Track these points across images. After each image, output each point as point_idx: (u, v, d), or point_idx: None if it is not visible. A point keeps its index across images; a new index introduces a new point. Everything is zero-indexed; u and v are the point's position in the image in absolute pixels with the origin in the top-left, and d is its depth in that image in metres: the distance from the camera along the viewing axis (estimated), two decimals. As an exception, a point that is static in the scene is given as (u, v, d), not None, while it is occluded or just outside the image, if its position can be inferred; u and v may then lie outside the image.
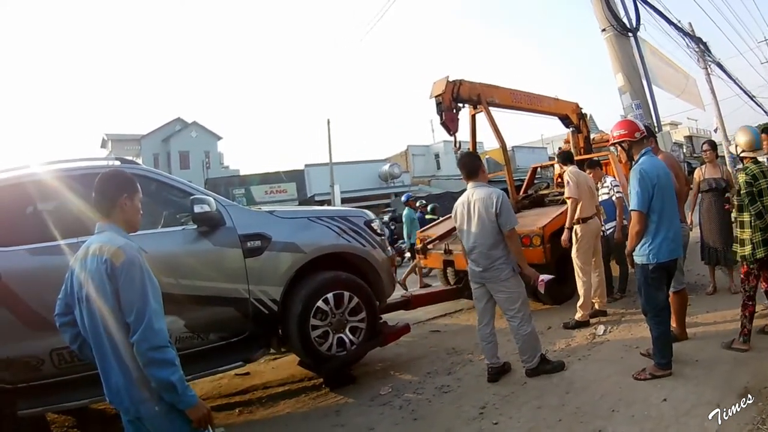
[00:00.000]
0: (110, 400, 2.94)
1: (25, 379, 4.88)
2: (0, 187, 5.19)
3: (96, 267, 2.83)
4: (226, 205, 5.68)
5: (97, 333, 2.87)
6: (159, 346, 2.72)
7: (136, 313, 2.73)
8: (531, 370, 5.75)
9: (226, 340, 5.54)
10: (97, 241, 2.97)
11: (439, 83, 9.75)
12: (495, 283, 5.71)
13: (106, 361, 2.87)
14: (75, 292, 3.01)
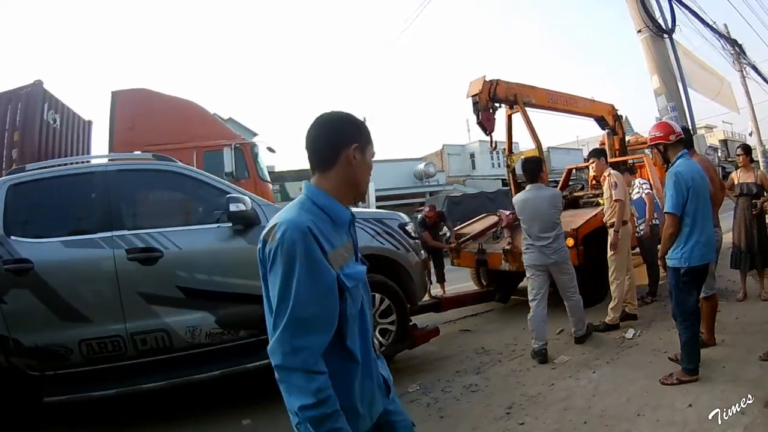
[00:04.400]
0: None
1: (53, 367, 5.01)
2: (35, 180, 5.36)
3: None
4: (261, 204, 5.73)
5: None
6: (293, 368, 1.96)
7: (275, 316, 2.06)
8: (582, 336, 6.99)
9: (256, 338, 5.59)
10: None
11: (476, 83, 9.76)
12: (561, 265, 6.80)
13: None
14: None
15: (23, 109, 11.22)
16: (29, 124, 11.15)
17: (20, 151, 10.93)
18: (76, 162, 5.90)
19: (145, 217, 5.61)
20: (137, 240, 5.18)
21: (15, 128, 11.20)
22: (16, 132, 11.16)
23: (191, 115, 12.60)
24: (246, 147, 12.19)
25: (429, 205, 10.99)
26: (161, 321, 5.18)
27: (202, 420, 5.48)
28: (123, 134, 11.33)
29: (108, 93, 11.46)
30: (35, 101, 11.39)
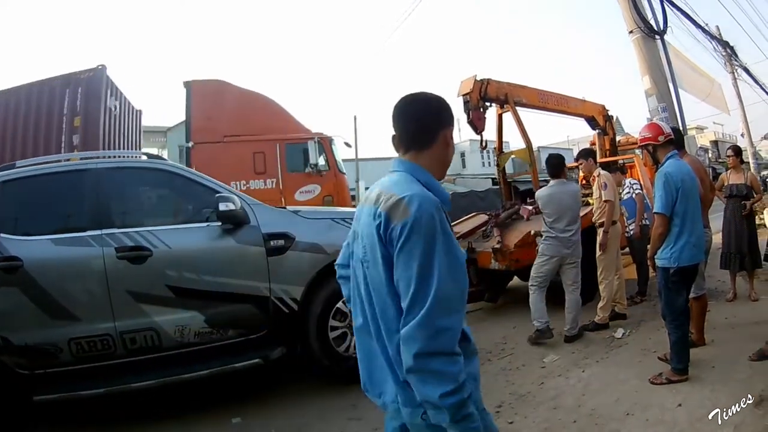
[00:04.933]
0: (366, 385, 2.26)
1: (43, 366, 4.98)
2: (25, 177, 5.34)
3: (368, 220, 2.08)
4: (251, 203, 5.75)
5: (364, 303, 2.16)
6: (435, 352, 1.84)
7: (412, 298, 1.87)
8: (571, 336, 7.07)
9: (245, 337, 5.60)
10: (382, 185, 2.16)
11: (466, 82, 9.77)
12: (574, 257, 7.14)
13: (370, 339, 2.15)
14: (352, 242, 2.36)
15: (85, 94, 11.33)
16: (92, 110, 11.27)
17: (83, 138, 11.06)
18: (66, 159, 5.88)
19: (135, 215, 5.60)
20: (127, 238, 5.16)
21: (75, 113, 11.26)
22: (77, 117, 11.22)
23: (265, 107, 12.77)
24: (326, 141, 12.40)
25: None
26: (150, 320, 5.16)
27: (192, 418, 5.45)
28: (201, 123, 11.52)
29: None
30: (98, 86, 11.55)
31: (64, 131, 11.20)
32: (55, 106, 11.35)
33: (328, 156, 12.28)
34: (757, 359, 5.52)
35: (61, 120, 11.29)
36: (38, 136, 11.19)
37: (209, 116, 11.56)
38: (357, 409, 5.35)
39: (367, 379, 2.23)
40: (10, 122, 11.31)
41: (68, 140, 11.10)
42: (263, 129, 11.92)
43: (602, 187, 7.54)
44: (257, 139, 11.74)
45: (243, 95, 12.35)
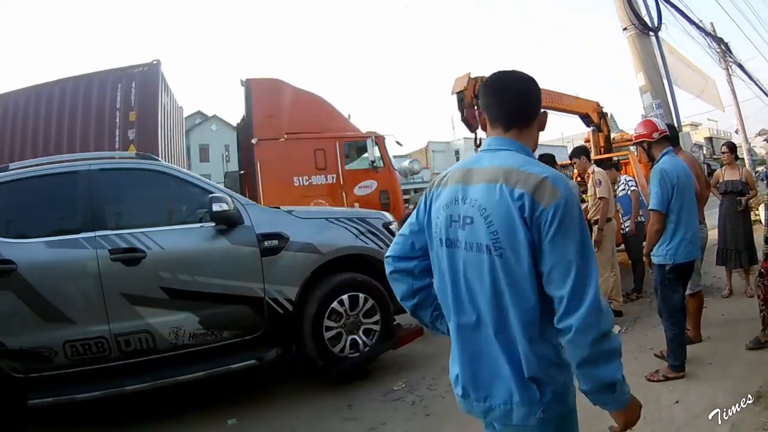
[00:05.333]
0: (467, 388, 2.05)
1: (37, 369, 4.94)
2: (17, 180, 5.30)
3: (500, 200, 1.87)
4: (244, 203, 5.74)
5: (483, 295, 1.96)
6: (607, 333, 1.81)
7: (576, 283, 1.78)
8: None
9: (240, 338, 5.58)
10: (494, 163, 1.99)
11: (461, 79, 9.74)
12: None
13: (482, 336, 1.99)
14: (441, 229, 2.08)
15: (140, 89, 11.38)
16: (149, 105, 11.35)
17: (139, 133, 11.12)
18: (58, 161, 5.84)
19: (129, 216, 5.56)
20: (120, 240, 5.13)
21: (130, 108, 11.27)
22: (131, 112, 11.24)
23: (318, 106, 12.87)
24: (380, 139, 12.49)
25: (414, 202, 10.96)
26: (145, 322, 5.13)
27: (188, 419, 5.42)
28: (263, 121, 11.55)
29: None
30: (155, 81, 11.67)
31: (118, 126, 11.21)
32: (106, 100, 11.34)
33: (382, 153, 12.41)
34: (754, 347, 5.64)
35: (114, 114, 11.28)
36: (87, 130, 11.12)
37: (270, 114, 11.66)
38: (353, 409, 5.34)
39: (469, 382, 2.04)
40: (54, 115, 11.20)
41: (123, 135, 11.14)
42: (318, 127, 12.12)
43: (596, 185, 7.56)
44: (317, 137, 11.89)
45: (298, 94, 12.48)
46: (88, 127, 11.10)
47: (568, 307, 1.78)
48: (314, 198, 10.68)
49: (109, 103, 11.27)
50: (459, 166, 2.13)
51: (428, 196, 2.19)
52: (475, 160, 2.10)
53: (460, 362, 2.08)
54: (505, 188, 1.87)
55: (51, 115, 11.15)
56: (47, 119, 11.12)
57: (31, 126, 11.09)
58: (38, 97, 11.33)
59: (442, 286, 2.13)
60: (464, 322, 2.04)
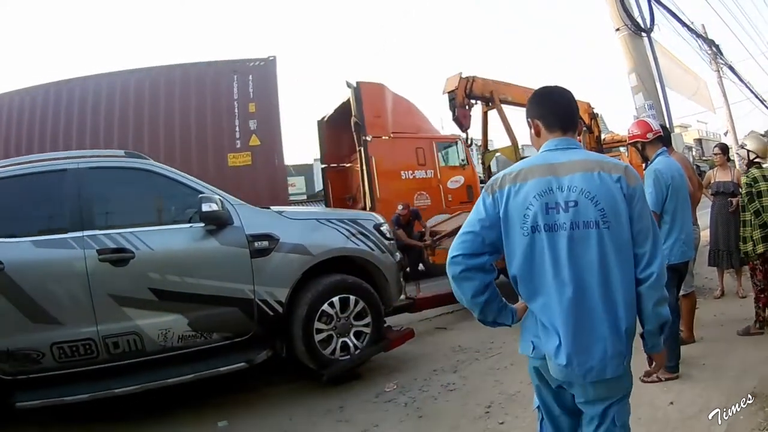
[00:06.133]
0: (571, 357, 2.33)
1: (25, 371, 4.86)
2: (4, 178, 5.21)
3: (602, 184, 2.34)
4: (234, 203, 5.66)
5: (589, 267, 2.33)
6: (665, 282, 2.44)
7: (654, 242, 2.39)
8: None
9: (230, 341, 5.51)
10: (577, 157, 2.45)
11: (452, 79, 9.78)
12: None
13: (584, 305, 2.33)
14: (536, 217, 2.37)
15: (257, 82, 12.08)
16: (268, 98, 12.21)
17: (260, 123, 11.95)
18: (47, 159, 5.77)
19: (117, 216, 5.46)
20: (108, 240, 5.05)
21: (249, 99, 11.95)
22: (251, 103, 11.93)
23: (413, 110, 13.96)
24: (464, 141, 13.26)
25: (402, 203, 11.04)
26: (133, 323, 5.05)
27: (178, 420, 5.36)
28: (373, 121, 12.35)
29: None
30: (272, 76, 12.39)
31: (237, 116, 11.84)
32: (222, 90, 11.93)
33: (466, 154, 13.45)
34: (743, 333, 6.01)
35: (232, 104, 11.89)
36: (203, 117, 11.73)
37: (378, 114, 12.34)
38: (344, 410, 5.29)
39: (573, 350, 2.33)
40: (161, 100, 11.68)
41: (243, 125, 11.83)
42: (414, 128, 13.08)
43: None
44: (417, 137, 12.95)
45: (396, 97, 13.30)
46: (204, 114, 11.76)
47: (650, 259, 2.37)
48: (418, 190, 11.71)
49: (225, 92, 11.94)
50: (533, 164, 2.47)
51: (500, 192, 2.46)
52: (548, 157, 2.48)
53: (563, 333, 2.35)
54: (604, 174, 2.37)
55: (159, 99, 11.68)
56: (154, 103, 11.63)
57: (147, 107, 11.59)
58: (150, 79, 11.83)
59: (532, 270, 2.42)
60: (567, 296, 2.34)
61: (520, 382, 5.54)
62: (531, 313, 2.50)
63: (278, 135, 12.32)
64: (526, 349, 2.52)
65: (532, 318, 2.49)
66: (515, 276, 2.47)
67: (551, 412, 2.63)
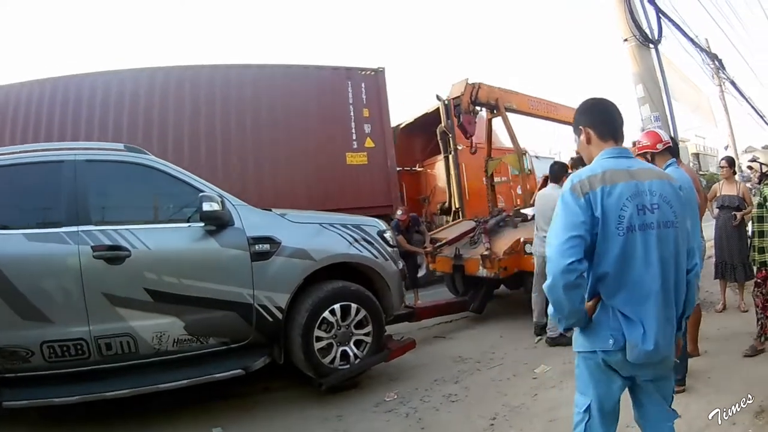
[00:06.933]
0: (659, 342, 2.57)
1: (12, 369, 4.69)
2: (3, 166, 5.02)
3: (671, 189, 2.69)
4: (235, 204, 5.49)
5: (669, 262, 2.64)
6: None
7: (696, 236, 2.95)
8: (551, 339, 7.17)
9: (227, 346, 5.37)
10: (644, 165, 2.82)
11: (458, 85, 9.74)
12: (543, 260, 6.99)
13: (664, 296, 2.62)
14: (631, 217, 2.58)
15: (369, 90, 13.58)
16: (380, 106, 13.69)
17: (373, 127, 13.46)
18: (45, 149, 5.61)
19: (114, 212, 5.30)
20: (104, 237, 4.87)
21: (363, 104, 13.43)
22: (365, 108, 13.43)
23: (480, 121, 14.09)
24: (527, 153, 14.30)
25: (402, 208, 11.00)
26: (127, 325, 4.89)
27: (171, 424, 5.23)
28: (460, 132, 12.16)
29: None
30: (383, 85, 13.87)
31: (353, 119, 13.30)
32: (339, 93, 13.29)
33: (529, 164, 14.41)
34: (751, 354, 5.84)
35: (347, 108, 13.31)
36: (323, 117, 13.05)
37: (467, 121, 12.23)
38: (343, 420, 5.16)
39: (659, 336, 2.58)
40: (278, 95, 12.74)
41: (359, 127, 13.33)
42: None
43: None
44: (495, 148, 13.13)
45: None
46: (323, 114, 13.09)
47: (695, 252, 2.81)
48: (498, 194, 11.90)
49: (341, 96, 13.30)
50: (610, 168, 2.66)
51: (592, 193, 2.59)
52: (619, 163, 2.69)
53: (650, 322, 2.57)
54: (669, 182, 2.72)
55: (274, 95, 12.81)
56: (271, 97, 12.76)
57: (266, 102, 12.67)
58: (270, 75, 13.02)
59: (623, 267, 2.59)
60: (655, 289, 2.59)
61: (524, 395, 5.48)
62: (607, 309, 2.64)
63: (389, 139, 13.69)
64: (602, 343, 2.63)
65: (608, 314, 2.63)
66: (604, 273, 2.60)
67: (604, 407, 2.78)
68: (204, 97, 12.12)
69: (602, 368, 2.70)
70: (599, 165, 2.68)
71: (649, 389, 2.81)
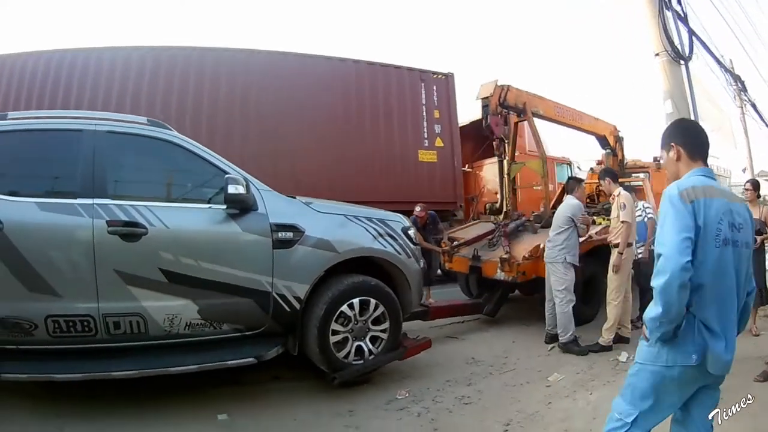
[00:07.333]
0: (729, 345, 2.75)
1: (13, 341, 4.52)
2: (14, 131, 4.89)
3: (748, 213, 2.91)
4: (260, 188, 5.33)
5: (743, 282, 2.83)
6: None
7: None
8: (563, 344, 7.37)
9: (241, 333, 5.22)
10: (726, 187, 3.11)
11: (487, 86, 9.63)
12: (549, 264, 7.65)
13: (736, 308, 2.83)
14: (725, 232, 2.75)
15: (440, 93, 14.81)
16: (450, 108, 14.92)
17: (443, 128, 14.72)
18: (63, 116, 5.45)
19: (132, 187, 5.14)
20: (120, 212, 4.71)
21: (434, 106, 14.68)
22: (435, 109, 14.67)
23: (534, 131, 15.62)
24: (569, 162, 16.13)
25: (421, 205, 10.94)
26: (138, 305, 4.72)
27: (175, 408, 5.09)
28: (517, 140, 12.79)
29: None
30: (452, 90, 15.13)
31: (425, 117, 14.54)
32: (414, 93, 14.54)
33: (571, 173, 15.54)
34: (763, 379, 5.76)
35: (420, 108, 14.53)
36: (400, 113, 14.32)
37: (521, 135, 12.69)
38: (355, 416, 5.05)
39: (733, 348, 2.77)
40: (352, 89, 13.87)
41: (430, 126, 14.58)
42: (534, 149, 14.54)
43: (621, 208, 7.39)
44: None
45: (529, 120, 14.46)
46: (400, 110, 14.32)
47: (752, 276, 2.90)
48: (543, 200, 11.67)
49: (415, 96, 14.52)
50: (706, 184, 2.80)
51: (697, 202, 2.71)
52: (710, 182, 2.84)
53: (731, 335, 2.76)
54: (746, 205, 2.94)
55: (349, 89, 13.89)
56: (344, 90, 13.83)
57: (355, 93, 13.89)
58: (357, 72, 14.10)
59: (717, 280, 2.71)
60: (739, 305, 2.82)
61: (537, 402, 5.42)
62: (692, 323, 2.71)
63: (457, 141, 14.94)
64: (684, 359, 2.72)
65: (693, 328, 2.71)
66: (699, 284, 2.66)
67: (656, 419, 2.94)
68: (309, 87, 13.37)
69: (676, 382, 2.79)
70: (694, 180, 2.82)
71: (703, 398, 2.93)
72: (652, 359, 2.81)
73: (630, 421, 2.85)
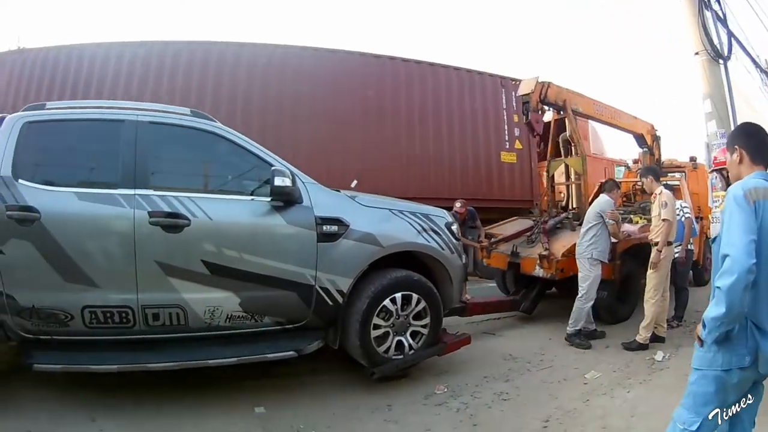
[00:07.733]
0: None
1: (50, 332, 4.52)
2: (53, 120, 4.91)
3: None
4: (305, 182, 5.29)
5: None
6: None
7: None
8: (567, 335, 7.61)
9: (282, 326, 5.19)
10: None
11: (528, 82, 9.56)
12: (579, 261, 7.72)
13: None
14: None
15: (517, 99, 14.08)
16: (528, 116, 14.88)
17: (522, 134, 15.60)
18: (102, 106, 5.44)
19: (174, 178, 5.12)
20: (163, 203, 4.69)
21: (513, 111, 15.51)
22: (515, 114, 15.43)
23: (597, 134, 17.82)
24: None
25: (460, 200, 10.96)
26: (179, 296, 4.70)
27: (212, 400, 5.09)
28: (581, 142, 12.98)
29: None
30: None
31: (505, 121, 15.71)
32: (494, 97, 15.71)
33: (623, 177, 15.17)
34: None
35: (501, 112, 15.70)
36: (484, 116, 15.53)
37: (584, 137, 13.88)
38: (393, 411, 5.04)
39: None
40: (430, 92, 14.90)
41: (510, 129, 15.73)
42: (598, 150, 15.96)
43: (662, 206, 7.33)
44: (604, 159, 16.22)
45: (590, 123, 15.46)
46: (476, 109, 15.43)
47: None
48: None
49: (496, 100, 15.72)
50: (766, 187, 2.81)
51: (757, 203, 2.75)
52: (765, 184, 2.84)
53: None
54: None
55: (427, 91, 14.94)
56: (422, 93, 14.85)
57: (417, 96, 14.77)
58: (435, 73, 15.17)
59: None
60: None
61: (576, 399, 5.40)
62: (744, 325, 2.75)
63: (533, 144, 15.55)
64: (739, 361, 2.75)
65: (746, 330, 2.75)
66: (756, 284, 2.66)
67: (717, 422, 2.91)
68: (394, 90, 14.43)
69: (735, 385, 2.82)
70: (755, 182, 2.83)
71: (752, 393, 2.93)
72: (708, 364, 2.83)
73: (694, 429, 2.87)
